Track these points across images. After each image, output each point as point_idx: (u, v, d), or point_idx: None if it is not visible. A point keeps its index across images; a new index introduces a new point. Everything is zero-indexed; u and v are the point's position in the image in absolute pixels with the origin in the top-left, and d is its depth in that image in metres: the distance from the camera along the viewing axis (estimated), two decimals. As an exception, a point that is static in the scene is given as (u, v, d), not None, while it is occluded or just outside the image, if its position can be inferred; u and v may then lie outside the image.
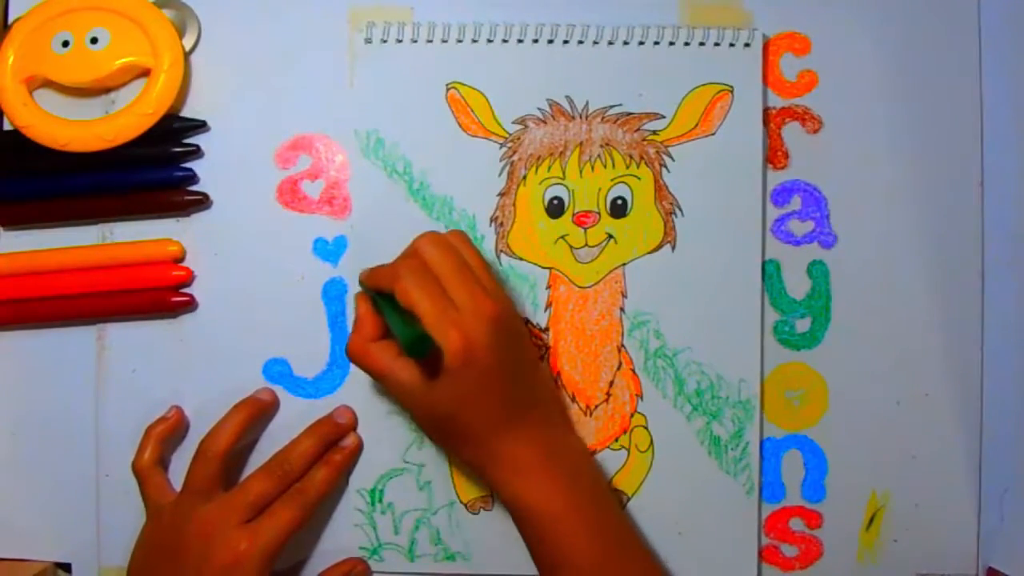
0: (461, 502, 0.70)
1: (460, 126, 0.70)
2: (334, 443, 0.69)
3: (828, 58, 0.71)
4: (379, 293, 0.64)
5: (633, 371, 0.70)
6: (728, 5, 0.71)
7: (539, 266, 0.70)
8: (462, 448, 0.64)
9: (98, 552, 0.71)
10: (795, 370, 0.71)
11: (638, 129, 0.70)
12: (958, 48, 0.71)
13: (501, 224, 0.70)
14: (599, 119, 0.70)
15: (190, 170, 0.70)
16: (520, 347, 0.65)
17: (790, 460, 0.71)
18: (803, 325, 0.71)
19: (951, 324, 0.71)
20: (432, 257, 0.63)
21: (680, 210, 0.70)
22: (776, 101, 0.71)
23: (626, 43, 0.70)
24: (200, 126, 0.71)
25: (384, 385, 0.64)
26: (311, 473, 0.67)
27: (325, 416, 0.70)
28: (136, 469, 0.68)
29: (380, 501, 0.70)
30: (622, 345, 0.70)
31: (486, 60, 0.70)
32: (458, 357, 0.60)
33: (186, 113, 0.71)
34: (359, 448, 0.70)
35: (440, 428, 0.64)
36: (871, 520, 0.71)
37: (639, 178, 0.70)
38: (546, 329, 0.70)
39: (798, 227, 0.71)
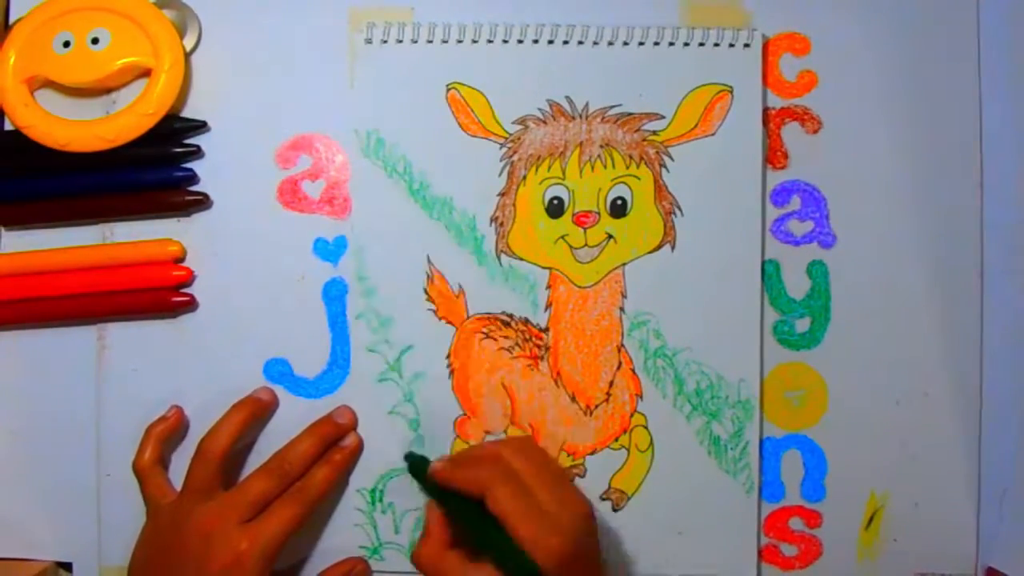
0: (461, 502, 0.70)
1: (460, 126, 0.70)
2: (334, 443, 0.69)
3: (828, 58, 0.71)
4: (457, 501, 0.63)
5: (633, 371, 0.70)
6: (728, 5, 0.71)
7: (539, 266, 0.70)
8: None
9: (99, 551, 0.71)
10: (795, 370, 0.71)
11: (638, 129, 0.70)
12: (958, 48, 0.72)
13: (501, 224, 0.70)
14: (599, 119, 0.70)
15: (190, 170, 0.71)
16: (598, 547, 0.65)
17: (790, 460, 0.71)
18: (803, 325, 0.71)
19: (950, 324, 0.71)
20: (519, 463, 0.63)
21: (680, 210, 0.70)
22: (776, 101, 0.71)
23: (626, 43, 0.70)
24: (200, 126, 0.71)
25: None
26: (311, 473, 0.67)
27: (325, 416, 0.70)
28: (136, 469, 0.68)
29: (380, 501, 0.70)
30: (622, 345, 0.70)
31: (486, 60, 0.70)
32: (558, 563, 0.59)
33: (186, 113, 0.71)
34: (359, 448, 0.70)
35: None
36: (871, 520, 0.71)
37: (639, 178, 0.70)
38: (546, 329, 0.70)
39: (798, 227, 0.71)
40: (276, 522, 0.64)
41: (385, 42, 0.70)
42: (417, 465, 0.67)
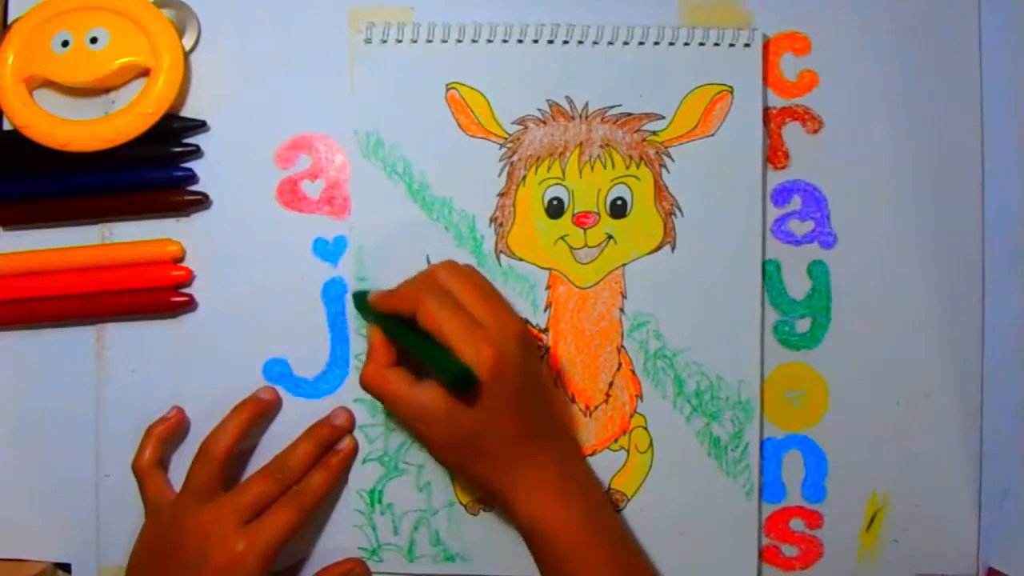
0: (461, 503, 0.70)
1: (460, 126, 0.70)
2: (332, 445, 0.69)
3: (828, 58, 0.71)
4: (393, 320, 0.64)
5: (633, 372, 0.70)
6: (728, 5, 0.71)
7: (539, 266, 0.70)
8: (478, 469, 0.64)
9: (98, 552, 0.71)
10: (795, 370, 0.71)
11: (638, 130, 0.70)
12: (958, 48, 0.71)
13: (501, 224, 0.70)
14: (599, 119, 0.70)
15: (190, 170, 0.70)
16: (539, 368, 0.66)
17: (790, 460, 0.71)
18: (803, 325, 0.71)
19: (951, 324, 0.71)
20: (450, 280, 0.63)
21: (680, 210, 0.70)
22: (776, 101, 0.71)
23: (626, 43, 0.70)
24: (200, 126, 0.71)
25: (399, 412, 0.64)
26: (308, 476, 0.67)
27: (323, 418, 0.70)
28: (136, 469, 0.68)
29: (380, 502, 0.70)
30: (622, 346, 0.70)
31: (486, 60, 0.70)
32: (491, 372, 0.60)
33: (186, 113, 0.71)
34: (355, 450, 0.70)
35: (458, 449, 0.64)
36: (871, 520, 0.71)
37: (639, 179, 0.70)
38: (546, 330, 0.70)
39: (798, 227, 0.71)
40: (274, 525, 0.64)
41: (385, 42, 0.70)
42: (360, 297, 0.68)
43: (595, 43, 0.70)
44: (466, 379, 0.60)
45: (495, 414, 0.61)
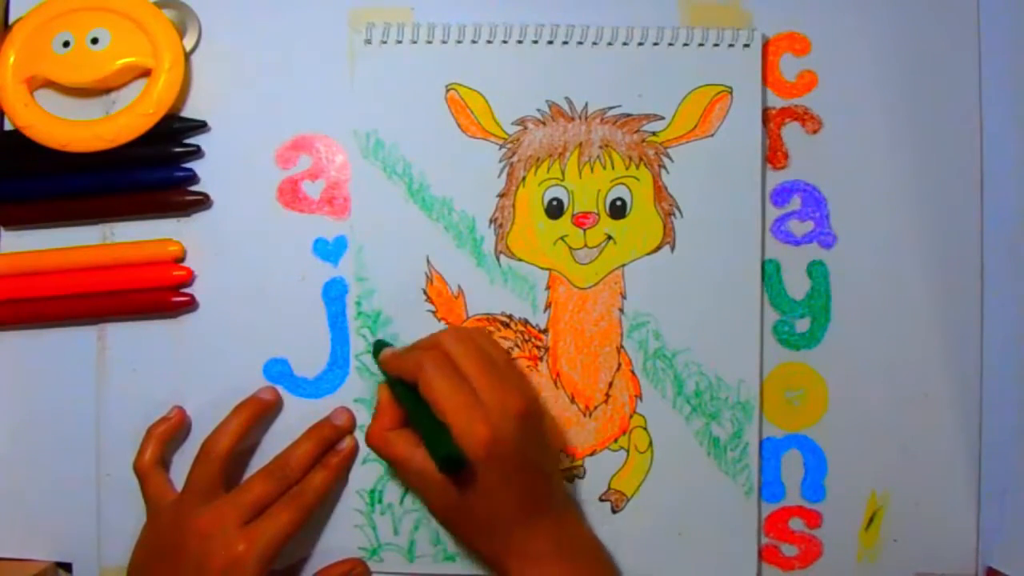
0: (460, 503, 0.70)
1: (460, 127, 0.70)
2: (333, 445, 0.69)
3: (828, 58, 0.71)
4: (401, 383, 0.65)
5: (632, 372, 0.70)
6: (728, 5, 0.71)
7: (538, 267, 0.70)
8: (475, 538, 0.64)
9: (99, 552, 0.71)
10: (795, 370, 0.71)
11: (637, 130, 0.70)
12: (958, 48, 0.71)
13: (500, 225, 0.70)
14: (598, 120, 0.70)
15: (190, 170, 0.71)
16: (543, 441, 0.65)
17: (790, 460, 0.71)
18: (803, 325, 0.71)
19: (951, 324, 0.71)
20: (456, 351, 0.63)
21: (679, 211, 0.70)
22: (776, 101, 0.71)
23: (625, 44, 0.70)
24: (200, 126, 0.71)
25: (400, 474, 0.65)
26: (309, 476, 0.67)
27: (324, 418, 0.70)
28: (137, 469, 0.68)
29: (380, 502, 0.70)
30: (621, 346, 0.70)
31: (486, 61, 0.70)
32: (483, 452, 0.60)
33: (186, 113, 0.71)
34: (356, 450, 0.70)
35: (456, 518, 0.64)
36: (871, 520, 0.71)
37: (638, 179, 0.70)
38: (545, 330, 0.70)
39: (798, 227, 0.71)
40: (274, 525, 0.64)
41: (385, 42, 0.70)
42: (379, 348, 0.68)
43: (595, 43, 0.70)
44: (455, 462, 0.60)
45: (490, 491, 0.61)
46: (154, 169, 0.71)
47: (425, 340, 0.66)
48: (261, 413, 0.70)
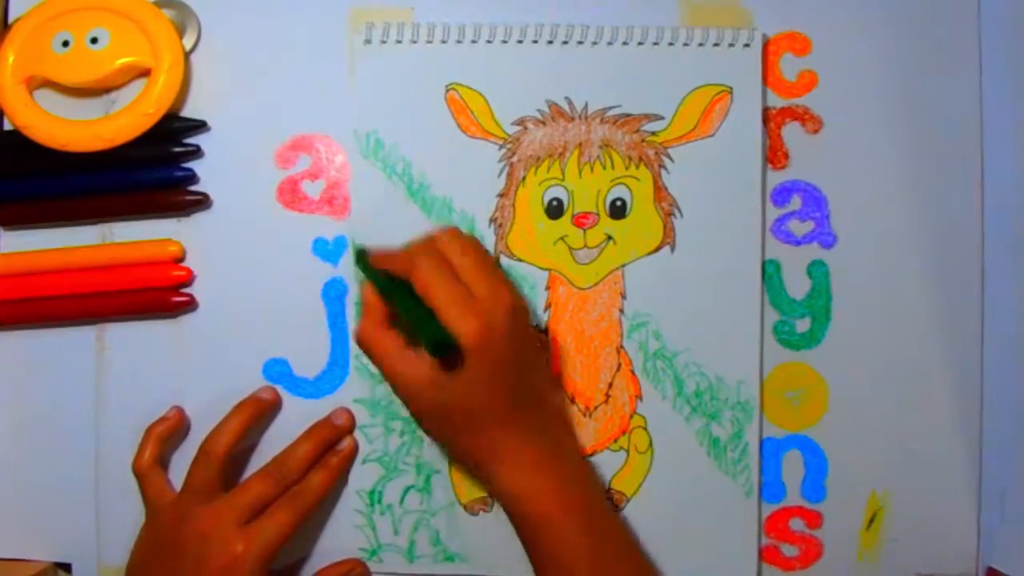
0: (460, 503, 0.70)
1: (459, 127, 0.70)
2: (332, 445, 0.69)
3: (828, 58, 0.71)
4: (388, 279, 0.64)
5: (632, 372, 0.70)
6: (728, 5, 0.71)
7: (538, 267, 0.70)
8: (462, 439, 0.64)
9: (98, 552, 0.71)
10: (795, 370, 0.71)
11: (637, 130, 0.70)
12: (958, 48, 0.71)
13: (500, 225, 0.70)
14: (598, 120, 0.70)
15: (190, 170, 0.70)
16: (530, 343, 0.66)
17: (790, 460, 0.71)
18: (803, 325, 0.71)
19: (951, 324, 0.71)
20: (450, 247, 0.64)
21: (679, 211, 0.70)
22: (776, 101, 0.71)
23: (626, 43, 0.70)
24: (200, 126, 0.71)
25: (386, 375, 0.64)
26: (308, 477, 0.67)
27: (323, 418, 0.70)
28: (136, 469, 0.68)
29: (379, 502, 0.70)
30: (621, 346, 0.70)
31: (486, 61, 0.70)
32: (476, 343, 0.60)
33: (186, 113, 0.71)
34: (355, 451, 0.70)
35: (442, 419, 0.64)
36: (871, 520, 0.71)
37: (638, 179, 0.70)
38: (545, 330, 0.70)
39: (798, 227, 0.71)
40: (273, 525, 0.64)
41: (385, 42, 0.70)
42: (361, 253, 0.68)
43: (595, 43, 0.70)
44: (447, 346, 0.60)
45: (479, 385, 0.61)
46: (154, 169, 0.71)
47: (418, 238, 0.66)
48: (260, 413, 0.70)
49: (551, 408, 0.68)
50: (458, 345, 0.60)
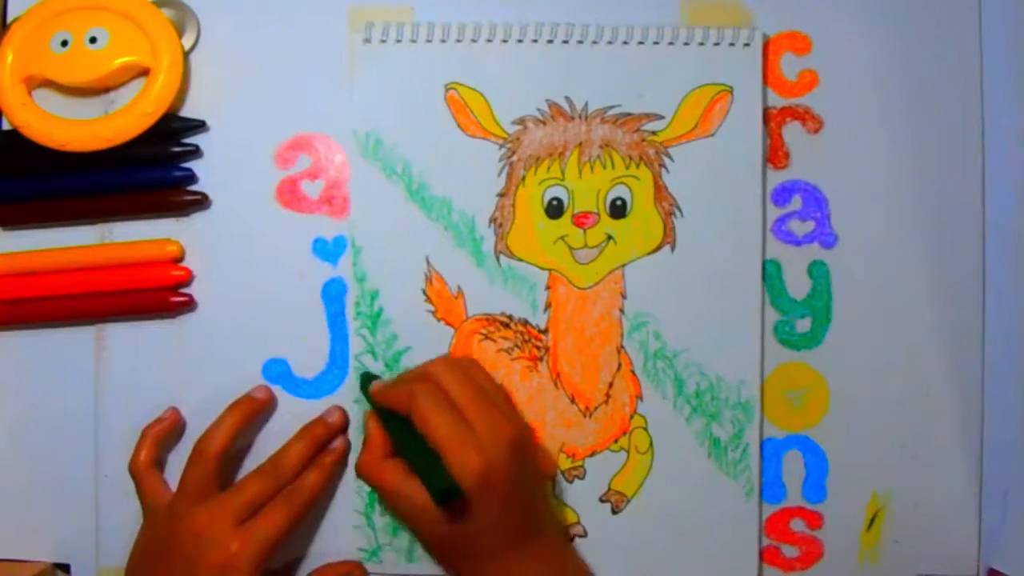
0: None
1: (459, 127, 0.70)
2: (326, 444, 0.69)
3: (828, 58, 0.71)
4: (389, 415, 0.65)
5: (633, 372, 0.70)
6: (728, 5, 0.71)
7: (538, 267, 0.70)
8: (468, 567, 0.64)
9: (97, 552, 0.71)
10: (796, 370, 0.71)
11: (638, 130, 0.70)
12: (958, 48, 0.71)
13: (500, 225, 0.70)
14: (598, 120, 0.70)
15: (189, 170, 0.70)
16: (534, 469, 0.66)
17: (791, 460, 0.71)
18: (804, 325, 0.71)
19: (952, 324, 0.71)
20: (447, 381, 0.63)
21: (680, 211, 0.70)
22: (776, 101, 0.71)
23: (626, 43, 0.70)
24: (199, 126, 0.71)
25: (391, 505, 0.64)
26: (303, 476, 0.67)
27: (316, 418, 0.70)
28: (132, 470, 0.68)
29: (379, 503, 0.70)
30: (622, 346, 0.70)
31: (485, 60, 0.70)
32: (478, 484, 0.60)
33: (185, 113, 0.71)
34: (348, 449, 0.70)
35: (447, 548, 0.64)
36: (872, 520, 0.71)
37: (638, 179, 0.70)
38: (545, 330, 0.70)
39: (799, 227, 0.71)
40: (268, 525, 0.64)
41: (384, 42, 0.70)
42: (366, 380, 0.68)
43: (595, 43, 0.70)
44: (450, 494, 0.60)
45: (482, 521, 0.61)
46: (153, 169, 0.70)
47: (415, 371, 0.66)
48: (254, 412, 0.70)
49: (555, 526, 0.68)
50: (462, 492, 0.60)
